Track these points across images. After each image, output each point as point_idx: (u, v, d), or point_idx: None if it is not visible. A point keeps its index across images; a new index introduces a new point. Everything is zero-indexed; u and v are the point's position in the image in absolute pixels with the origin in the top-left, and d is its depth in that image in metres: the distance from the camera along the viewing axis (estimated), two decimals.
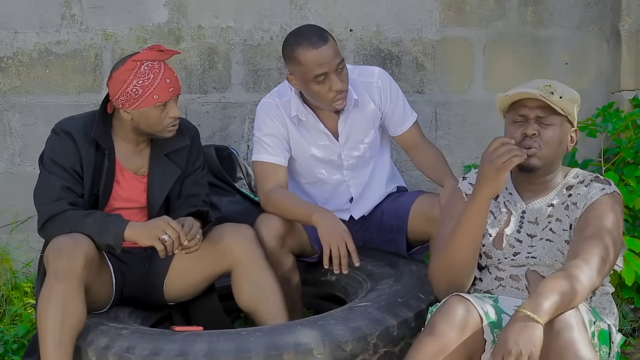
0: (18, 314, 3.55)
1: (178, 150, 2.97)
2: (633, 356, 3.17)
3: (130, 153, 2.94)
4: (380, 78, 3.15)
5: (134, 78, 2.79)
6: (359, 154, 3.16)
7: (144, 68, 2.80)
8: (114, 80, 2.83)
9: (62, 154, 2.84)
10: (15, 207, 3.72)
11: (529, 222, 2.49)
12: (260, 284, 2.87)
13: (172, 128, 2.88)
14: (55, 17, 3.72)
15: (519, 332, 2.13)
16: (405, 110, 3.19)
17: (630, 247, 3.12)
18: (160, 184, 2.95)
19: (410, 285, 2.87)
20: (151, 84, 2.80)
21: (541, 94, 2.39)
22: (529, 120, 2.43)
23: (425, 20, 3.71)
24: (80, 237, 2.71)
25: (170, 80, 2.83)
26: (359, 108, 3.12)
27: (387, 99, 3.15)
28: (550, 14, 3.71)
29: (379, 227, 3.19)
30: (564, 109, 2.42)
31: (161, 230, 2.73)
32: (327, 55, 2.93)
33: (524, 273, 2.46)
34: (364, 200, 3.22)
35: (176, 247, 2.73)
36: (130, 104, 2.81)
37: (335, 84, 2.94)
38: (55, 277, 2.63)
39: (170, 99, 2.83)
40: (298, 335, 2.56)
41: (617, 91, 3.65)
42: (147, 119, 2.84)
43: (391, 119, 3.18)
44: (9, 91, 3.76)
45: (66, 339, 2.61)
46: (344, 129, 3.12)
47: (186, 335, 2.63)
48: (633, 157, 3.42)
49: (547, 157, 2.44)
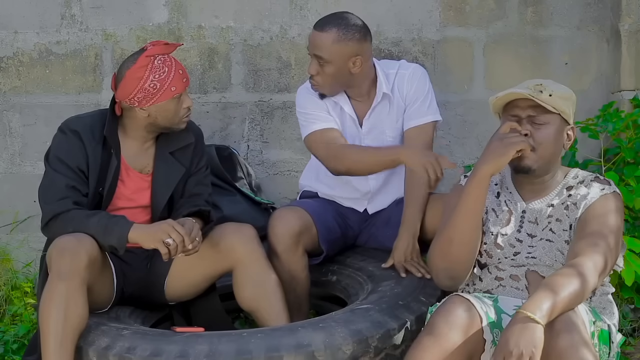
0: (18, 313, 3.55)
1: (183, 148, 2.98)
2: (633, 356, 3.17)
3: (135, 152, 2.95)
4: (414, 70, 3.19)
5: (150, 73, 2.81)
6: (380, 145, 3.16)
7: (158, 62, 2.83)
8: (128, 79, 2.82)
9: (69, 152, 2.84)
10: (15, 207, 3.72)
11: (529, 221, 2.50)
12: (261, 283, 2.87)
13: (186, 119, 2.93)
14: (55, 17, 3.72)
15: (520, 333, 2.13)
16: (426, 107, 3.17)
17: (630, 247, 3.12)
18: (164, 183, 2.95)
19: (412, 287, 2.87)
20: (167, 77, 2.82)
21: (530, 93, 2.40)
22: (521, 121, 2.43)
23: (425, 20, 3.72)
24: (84, 237, 2.71)
25: (182, 71, 2.88)
26: (388, 102, 3.16)
27: (412, 89, 3.16)
28: (550, 14, 3.71)
29: (386, 223, 3.19)
30: (555, 107, 2.41)
31: (166, 234, 2.72)
32: (313, 40, 3.06)
33: (524, 273, 2.47)
34: (382, 196, 3.24)
35: (180, 251, 2.73)
36: (148, 100, 2.83)
37: (310, 66, 3.05)
38: (58, 277, 2.63)
39: (184, 89, 2.88)
40: (299, 337, 2.56)
41: (617, 91, 3.65)
42: (165, 113, 2.86)
43: (408, 110, 3.18)
44: (9, 91, 3.75)
45: (68, 339, 2.61)
46: (369, 119, 3.16)
47: (187, 336, 2.63)
48: (633, 157, 3.42)
49: (542, 157, 2.44)
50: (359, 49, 3.05)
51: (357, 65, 3.06)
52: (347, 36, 3.03)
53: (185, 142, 2.98)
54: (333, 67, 3.04)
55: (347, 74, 3.07)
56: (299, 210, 3.05)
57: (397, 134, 3.19)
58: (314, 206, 3.13)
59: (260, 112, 3.77)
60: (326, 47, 3.02)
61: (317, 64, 3.05)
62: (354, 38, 3.04)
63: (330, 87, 3.10)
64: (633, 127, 3.47)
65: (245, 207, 3.46)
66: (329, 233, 3.13)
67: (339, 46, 3.02)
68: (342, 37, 3.02)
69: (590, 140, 3.56)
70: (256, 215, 3.35)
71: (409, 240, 3.01)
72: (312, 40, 3.07)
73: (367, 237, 3.25)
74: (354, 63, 3.05)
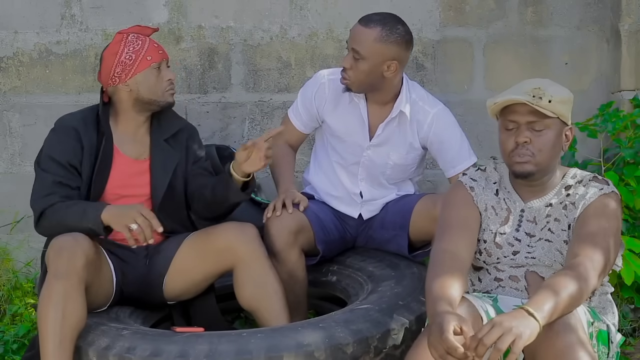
0: (18, 313, 3.55)
1: (175, 135, 3.03)
2: (633, 356, 3.17)
3: (130, 140, 2.98)
4: (436, 118, 3.12)
5: (125, 47, 2.92)
6: (379, 163, 3.15)
7: (131, 37, 2.95)
8: (105, 58, 2.94)
9: (58, 148, 2.88)
10: (15, 207, 3.72)
11: (528, 220, 2.49)
12: (262, 283, 2.87)
13: (171, 91, 2.98)
14: (55, 17, 3.72)
15: (515, 317, 2.10)
16: (461, 152, 3.15)
17: (630, 247, 3.12)
18: (162, 168, 2.98)
19: (412, 287, 2.87)
20: (141, 48, 2.93)
21: (530, 100, 2.36)
22: (520, 127, 2.41)
23: (425, 20, 3.72)
24: (81, 236, 2.72)
25: (157, 45, 2.98)
26: (402, 123, 3.12)
27: (435, 141, 3.14)
28: (550, 14, 3.71)
29: (381, 225, 3.19)
30: (555, 112, 2.39)
31: (131, 219, 2.72)
32: (354, 33, 3.02)
33: (523, 274, 2.46)
34: (373, 201, 3.23)
35: (148, 237, 2.73)
36: (127, 73, 2.90)
37: (344, 59, 3.03)
38: (56, 277, 2.64)
39: (161, 60, 2.95)
40: (299, 337, 2.56)
41: (617, 91, 3.65)
42: (145, 84, 2.92)
43: (443, 159, 3.16)
44: (9, 91, 3.76)
45: (66, 338, 2.62)
46: (382, 133, 3.12)
47: (187, 336, 2.63)
48: (633, 157, 3.42)
49: (541, 163, 2.42)
50: (398, 55, 3.01)
51: (391, 69, 3.02)
52: (390, 38, 2.99)
53: (178, 127, 3.04)
54: (367, 65, 2.99)
55: (379, 75, 3.02)
56: (294, 211, 3.05)
57: (397, 162, 3.16)
58: (309, 207, 3.12)
59: (260, 112, 3.77)
60: (366, 43, 2.98)
61: (352, 58, 3.01)
62: (396, 42, 3.00)
63: (359, 85, 3.05)
64: (633, 127, 3.47)
65: (245, 207, 3.45)
66: (325, 234, 3.13)
67: (379, 45, 2.98)
68: (385, 38, 2.98)
69: (590, 140, 3.56)
70: (256, 215, 3.34)
71: None
72: (353, 34, 3.02)
73: (366, 240, 3.25)
74: (389, 67, 3.01)
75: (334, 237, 3.18)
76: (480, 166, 2.64)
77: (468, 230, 2.46)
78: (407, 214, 3.12)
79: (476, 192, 2.54)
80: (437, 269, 2.33)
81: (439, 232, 2.47)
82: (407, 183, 3.27)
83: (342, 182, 3.21)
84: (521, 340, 2.06)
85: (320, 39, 3.74)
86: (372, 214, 3.23)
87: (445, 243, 2.42)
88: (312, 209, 3.12)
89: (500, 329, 2.06)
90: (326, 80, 3.17)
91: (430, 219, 2.98)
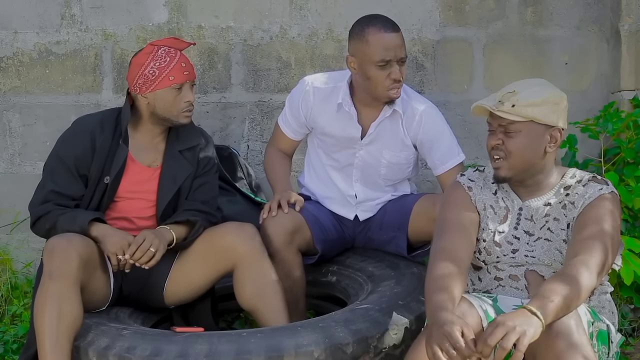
0: (18, 314, 3.55)
1: (192, 148, 3.01)
2: (633, 356, 3.17)
3: (145, 146, 2.98)
4: (424, 115, 3.11)
5: (152, 60, 2.90)
6: (373, 163, 3.15)
7: (161, 52, 2.91)
8: (132, 65, 2.93)
9: (68, 149, 2.91)
10: (15, 207, 3.72)
11: (526, 219, 2.50)
12: (262, 283, 2.88)
13: (187, 113, 2.95)
14: (55, 17, 3.72)
15: (518, 316, 2.12)
16: (451, 149, 3.14)
17: (630, 247, 3.12)
18: (172, 178, 2.98)
19: (411, 287, 2.87)
20: (167, 66, 2.90)
21: (491, 105, 2.41)
22: (496, 130, 2.45)
23: (425, 20, 3.72)
24: (74, 237, 2.74)
25: (185, 64, 2.93)
26: (394, 121, 3.12)
27: (425, 140, 3.13)
28: (550, 14, 3.70)
29: (380, 227, 3.19)
30: (522, 115, 2.39)
31: (120, 250, 2.81)
32: (396, 42, 2.99)
33: (523, 273, 2.47)
34: (368, 202, 3.22)
35: (128, 268, 2.84)
36: (148, 87, 2.89)
37: (394, 72, 2.98)
38: (50, 278, 2.65)
39: (185, 81, 2.92)
40: (299, 337, 2.56)
41: (617, 91, 3.65)
42: (162, 102, 2.91)
43: (432, 157, 3.15)
44: (9, 91, 3.76)
45: (63, 338, 2.62)
46: (373, 132, 3.12)
47: (187, 336, 2.64)
48: (633, 157, 3.42)
49: (514, 165, 2.44)
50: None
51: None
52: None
53: (195, 143, 3.02)
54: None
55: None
56: (290, 211, 3.05)
57: (391, 160, 3.15)
58: (306, 207, 3.12)
59: (260, 112, 3.77)
60: (405, 45, 3.05)
61: (405, 66, 3.05)
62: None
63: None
64: (633, 127, 3.47)
65: (244, 207, 3.46)
66: (324, 233, 3.13)
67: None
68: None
69: (590, 141, 3.56)
70: (256, 216, 3.34)
71: None
72: (396, 44, 2.99)
73: (364, 242, 3.25)
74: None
75: (333, 236, 3.18)
76: (479, 167, 2.65)
77: (467, 230, 2.48)
78: (405, 215, 3.12)
79: (474, 192, 2.55)
80: (436, 269, 2.35)
81: (437, 232, 2.48)
82: (404, 183, 3.26)
83: (336, 184, 3.21)
84: (525, 337, 2.07)
85: (320, 39, 3.74)
86: (368, 215, 3.22)
87: (444, 243, 2.43)
88: (309, 209, 3.12)
89: (504, 328, 2.08)
90: (310, 88, 3.17)
91: (429, 219, 2.97)
